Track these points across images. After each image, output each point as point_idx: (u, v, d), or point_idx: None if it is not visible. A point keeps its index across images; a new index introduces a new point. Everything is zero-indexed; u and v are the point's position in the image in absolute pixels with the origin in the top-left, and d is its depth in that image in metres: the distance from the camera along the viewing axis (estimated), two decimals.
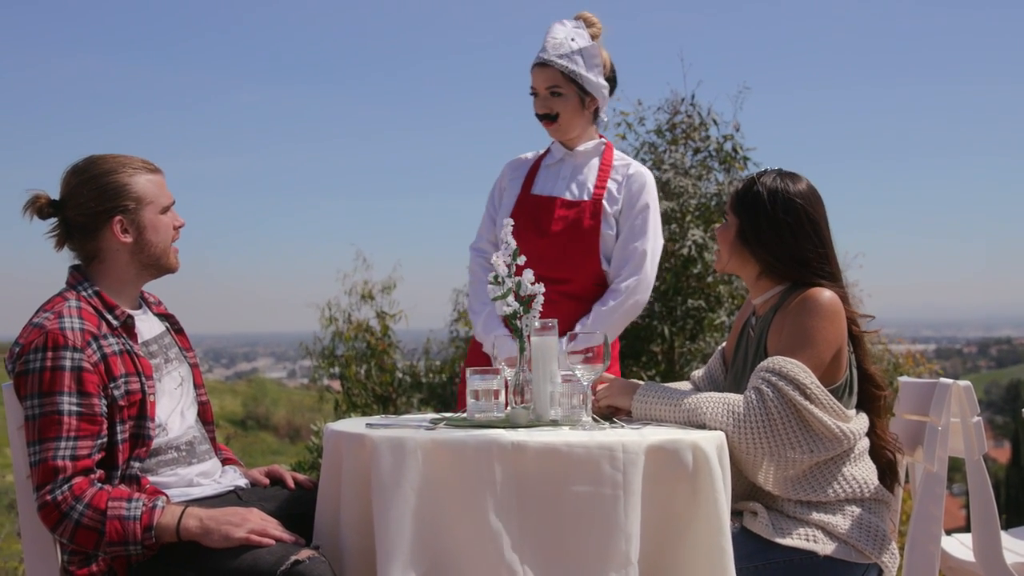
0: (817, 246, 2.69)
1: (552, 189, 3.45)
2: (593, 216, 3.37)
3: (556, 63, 3.38)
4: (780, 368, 2.51)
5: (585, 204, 3.39)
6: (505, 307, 2.50)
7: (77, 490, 2.26)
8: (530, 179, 3.50)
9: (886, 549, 2.56)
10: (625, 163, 3.49)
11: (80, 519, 2.25)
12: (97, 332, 2.41)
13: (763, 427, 2.46)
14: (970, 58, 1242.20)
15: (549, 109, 3.40)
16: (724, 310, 7.42)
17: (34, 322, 2.40)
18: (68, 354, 2.33)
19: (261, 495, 2.67)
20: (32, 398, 2.32)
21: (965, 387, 2.91)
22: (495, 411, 2.45)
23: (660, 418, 2.60)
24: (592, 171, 3.46)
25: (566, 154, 3.48)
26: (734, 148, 7.86)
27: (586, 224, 3.35)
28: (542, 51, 3.39)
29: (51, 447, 2.28)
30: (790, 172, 2.76)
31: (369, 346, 9.39)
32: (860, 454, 2.62)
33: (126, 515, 2.27)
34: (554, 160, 3.50)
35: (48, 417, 2.29)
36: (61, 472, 2.26)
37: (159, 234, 2.56)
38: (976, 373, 71.66)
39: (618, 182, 3.44)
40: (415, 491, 2.19)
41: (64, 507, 2.25)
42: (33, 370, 2.32)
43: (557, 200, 3.40)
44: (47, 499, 2.26)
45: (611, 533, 2.14)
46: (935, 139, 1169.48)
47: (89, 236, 2.52)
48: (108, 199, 2.50)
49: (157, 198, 2.56)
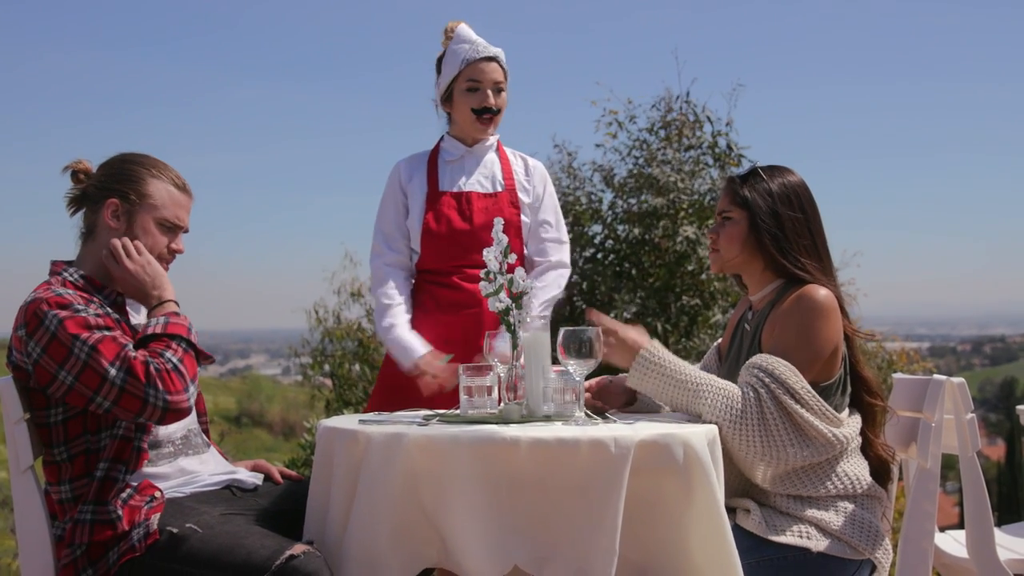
0: (814, 241, 2.71)
1: (463, 184, 3.47)
2: (512, 204, 3.46)
3: (501, 59, 3.44)
4: (772, 370, 2.51)
5: (502, 195, 3.46)
6: (497, 303, 2.50)
7: (154, 354, 2.36)
8: (433, 177, 3.48)
9: (879, 545, 2.56)
10: (520, 156, 3.60)
11: (178, 356, 2.39)
12: (90, 300, 2.43)
13: (758, 427, 2.47)
14: (966, 55, 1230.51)
15: (497, 104, 3.44)
16: (718, 307, 7.43)
17: (28, 300, 2.39)
18: (78, 307, 2.36)
19: (255, 492, 2.66)
20: (74, 342, 2.30)
21: (959, 384, 2.91)
22: (488, 407, 2.45)
23: (653, 393, 2.59)
24: (495, 165, 3.52)
25: (466, 150, 3.51)
26: (728, 145, 7.87)
27: (507, 214, 3.43)
28: (478, 46, 3.40)
29: (125, 352, 2.32)
30: (783, 167, 2.77)
31: (360, 344, 9.39)
32: (853, 450, 2.63)
33: (163, 323, 2.44)
34: (453, 157, 3.51)
35: (101, 342, 2.31)
36: (143, 356, 2.34)
37: (144, 239, 2.55)
38: (970, 371, 71.81)
39: (520, 173, 3.54)
40: (405, 486, 2.20)
41: (168, 366, 2.35)
42: (54, 332, 2.32)
43: (472, 194, 3.45)
44: (160, 380, 2.32)
45: (600, 527, 2.14)
46: (930, 137, 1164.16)
47: (90, 208, 2.57)
48: (118, 180, 2.55)
49: (162, 207, 2.57)
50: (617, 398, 2.84)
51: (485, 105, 3.41)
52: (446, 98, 3.49)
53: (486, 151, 3.53)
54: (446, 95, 3.48)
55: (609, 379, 2.85)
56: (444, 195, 3.45)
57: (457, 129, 3.52)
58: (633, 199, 7.83)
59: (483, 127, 3.45)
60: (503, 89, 3.45)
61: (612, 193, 8.06)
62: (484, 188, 3.47)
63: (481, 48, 3.40)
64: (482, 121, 3.43)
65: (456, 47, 3.42)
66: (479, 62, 3.39)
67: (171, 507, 2.41)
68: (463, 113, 3.44)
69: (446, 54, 3.45)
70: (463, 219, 3.41)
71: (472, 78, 3.39)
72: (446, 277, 3.41)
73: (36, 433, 2.44)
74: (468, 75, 3.40)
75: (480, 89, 3.40)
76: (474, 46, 3.40)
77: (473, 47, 3.40)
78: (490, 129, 3.48)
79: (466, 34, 3.43)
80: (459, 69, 3.40)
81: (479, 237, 3.35)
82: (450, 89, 3.45)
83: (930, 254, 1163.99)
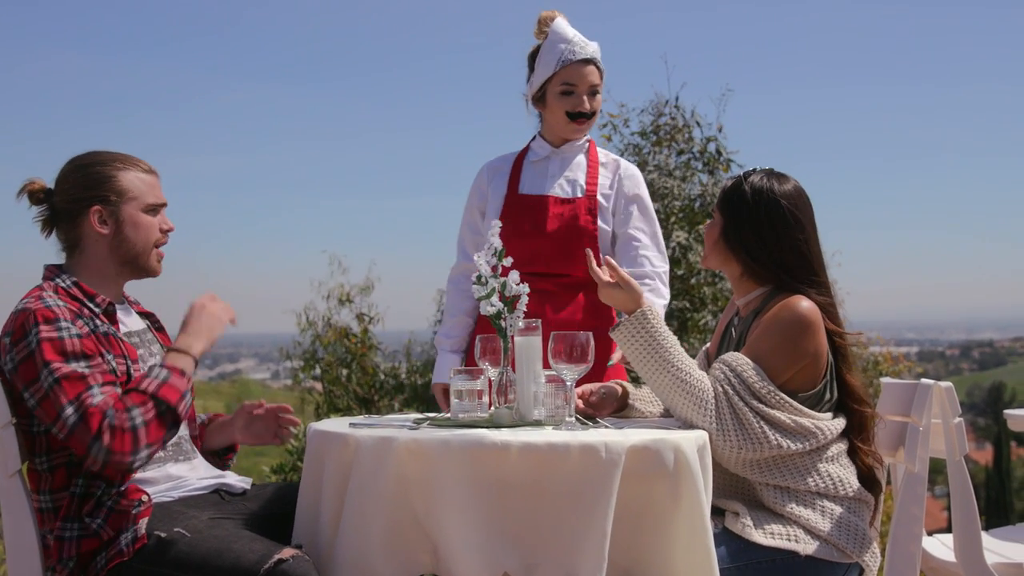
0: (801, 250, 2.68)
1: (542, 187, 3.40)
2: (589, 212, 3.34)
3: (598, 61, 3.34)
4: (736, 367, 2.53)
5: (580, 201, 3.36)
6: (489, 307, 2.50)
7: (121, 406, 2.28)
8: (515, 178, 3.43)
9: (867, 549, 2.57)
10: (612, 159, 3.48)
11: (144, 419, 2.29)
12: (79, 313, 2.42)
13: (731, 417, 2.48)
14: (956, 58, 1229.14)
15: (592, 108, 3.35)
16: (708, 311, 7.45)
17: (16, 310, 2.39)
18: (62, 324, 2.34)
19: (243, 495, 2.66)
20: (44, 368, 2.29)
21: (946, 388, 2.92)
22: (479, 411, 2.45)
23: (631, 357, 2.58)
24: (580, 168, 3.42)
25: (552, 151, 3.44)
26: (717, 150, 7.89)
27: (582, 221, 3.33)
28: (575, 46, 3.30)
29: (86, 396, 2.28)
30: (779, 172, 2.74)
31: (349, 351, 9.37)
32: (837, 455, 2.62)
33: (162, 380, 2.35)
34: (539, 157, 3.45)
35: (67, 379, 2.28)
36: (106, 406, 2.27)
37: (139, 231, 2.55)
38: (959, 375, 71.95)
39: (609, 178, 3.42)
40: (396, 490, 2.19)
41: (126, 424, 2.26)
42: (31, 352, 2.31)
43: (549, 198, 3.36)
44: (109, 435, 2.25)
45: (589, 532, 2.14)
46: (918, 140, 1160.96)
47: (71, 224, 2.54)
48: (90, 187, 2.52)
49: (142, 195, 2.56)
50: (608, 404, 2.84)
51: (580, 110, 3.33)
52: (539, 97, 3.40)
53: (575, 153, 3.45)
54: (539, 94, 3.39)
55: (601, 386, 2.85)
56: (522, 198, 3.39)
57: (548, 129, 3.45)
58: None
59: (577, 129, 3.38)
60: (598, 92, 3.37)
61: None
62: (564, 192, 3.38)
63: (579, 49, 3.30)
64: (576, 124, 3.36)
65: (553, 45, 3.31)
66: (576, 64, 3.30)
67: (159, 511, 2.40)
68: (556, 115, 3.37)
69: (541, 51, 3.35)
70: (535, 224, 3.33)
71: (568, 81, 3.31)
72: None
73: (23, 438, 2.43)
74: (564, 77, 3.31)
75: (575, 93, 3.32)
76: (570, 46, 3.29)
77: (570, 47, 3.29)
78: (584, 132, 3.41)
79: (563, 31, 3.32)
80: (555, 70, 3.30)
81: (549, 244, 3.28)
82: (543, 89, 3.36)
83: (918, 258, 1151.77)
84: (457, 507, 2.15)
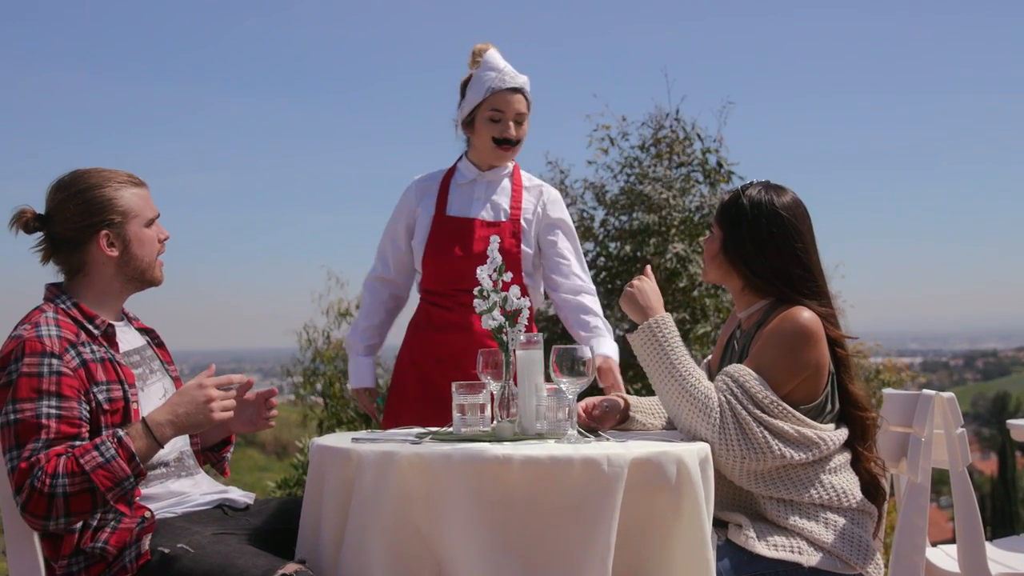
0: (801, 262, 2.68)
1: (468, 210, 3.50)
2: (513, 235, 3.46)
3: (527, 91, 3.45)
4: (738, 378, 2.53)
5: (504, 224, 3.47)
6: (491, 321, 2.51)
7: (50, 469, 2.24)
8: (443, 200, 3.53)
9: (871, 560, 2.57)
10: (536, 184, 3.59)
11: (66, 490, 2.23)
12: (75, 340, 2.41)
13: (734, 427, 2.48)
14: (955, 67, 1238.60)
15: (518, 136, 3.46)
16: (709, 322, 7.45)
17: (12, 335, 2.40)
18: (46, 360, 2.33)
19: (246, 511, 2.66)
20: (10, 404, 2.30)
21: (948, 398, 2.92)
22: (481, 425, 2.45)
23: (644, 364, 2.63)
24: (505, 192, 3.53)
25: (479, 174, 3.54)
26: (718, 162, 7.90)
27: (507, 244, 3.43)
28: (505, 75, 3.41)
29: (28, 448, 2.26)
30: (776, 185, 2.75)
31: None
32: (840, 466, 2.63)
33: (104, 459, 2.27)
34: (465, 180, 3.54)
35: (26, 423, 2.28)
36: (36, 464, 2.25)
37: (144, 247, 2.57)
38: (963, 386, 71.85)
39: (533, 202, 3.54)
40: (398, 504, 2.19)
41: (46, 489, 2.22)
42: (12, 380, 2.32)
43: (476, 221, 3.47)
44: (27, 493, 2.23)
45: (592, 545, 2.14)
46: (921, 150, 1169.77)
47: (75, 250, 2.53)
48: (94, 213, 2.51)
49: (142, 211, 2.57)
50: (610, 418, 2.84)
51: (506, 136, 3.43)
52: (467, 122, 3.50)
53: (500, 178, 3.55)
54: (468, 120, 3.49)
55: (604, 400, 2.85)
56: (449, 219, 3.49)
57: (475, 153, 3.54)
58: (625, 216, 7.85)
59: (502, 155, 3.48)
60: (524, 121, 3.47)
61: (604, 210, 8.09)
62: (489, 216, 3.49)
63: (508, 78, 3.40)
64: (501, 150, 3.46)
65: (483, 74, 3.42)
66: (504, 92, 3.40)
67: (162, 528, 2.40)
68: (483, 140, 3.47)
69: (472, 79, 3.46)
70: (462, 246, 3.44)
71: (496, 107, 3.41)
72: (443, 298, 3.48)
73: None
74: (492, 104, 3.41)
75: (502, 120, 3.42)
76: (500, 75, 3.40)
77: (499, 76, 3.40)
78: (509, 158, 3.51)
79: (494, 61, 3.43)
80: (483, 97, 3.41)
81: (475, 264, 3.37)
82: (472, 115, 3.46)
83: (921, 269, 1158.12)
84: (459, 521, 2.15)
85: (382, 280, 3.68)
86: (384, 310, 3.69)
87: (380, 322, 3.70)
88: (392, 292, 3.69)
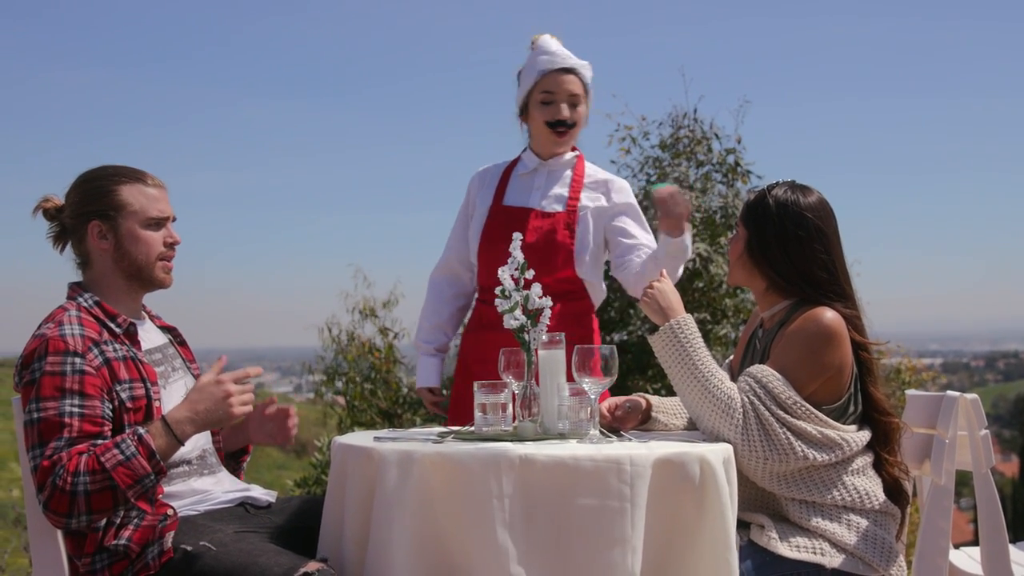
0: (826, 262, 2.67)
1: (526, 200, 3.44)
2: (568, 227, 3.38)
3: (581, 72, 3.38)
4: (761, 378, 2.52)
5: (559, 215, 3.39)
6: (512, 321, 2.51)
7: (72, 467, 2.25)
8: (501, 190, 3.48)
9: (894, 562, 2.55)
10: (602, 177, 3.50)
11: (87, 488, 2.24)
12: (98, 339, 2.42)
13: (757, 429, 2.47)
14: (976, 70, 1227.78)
15: (571, 118, 3.39)
16: (729, 323, 7.42)
17: (36, 333, 2.42)
18: (69, 359, 2.34)
19: (268, 509, 2.67)
20: (33, 402, 2.32)
21: (972, 400, 2.90)
22: (503, 424, 2.45)
23: (665, 366, 2.62)
24: (565, 183, 3.45)
25: (540, 164, 3.48)
26: (736, 162, 7.87)
27: (559, 236, 3.36)
28: (556, 57, 3.35)
29: (50, 446, 2.28)
30: (802, 185, 2.73)
31: (373, 366, 9.37)
32: (863, 467, 2.61)
33: (124, 457, 2.27)
34: (527, 170, 3.49)
35: (49, 421, 2.29)
36: (58, 463, 2.26)
37: (138, 245, 2.55)
38: (984, 387, 71.36)
39: (595, 193, 3.44)
40: (420, 504, 2.19)
41: (68, 487, 2.23)
42: (36, 379, 2.33)
43: (532, 211, 3.40)
44: (49, 491, 2.24)
45: (616, 546, 2.14)
46: (941, 151, 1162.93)
47: (76, 239, 2.57)
48: (89, 202, 2.54)
49: (143, 209, 2.55)
50: (632, 418, 2.84)
51: (558, 118, 3.37)
52: (523, 110, 3.46)
53: (563, 167, 3.48)
54: (523, 107, 3.46)
55: (626, 400, 2.85)
56: (504, 209, 3.43)
57: (534, 142, 3.49)
58: (646, 216, 7.82)
59: (557, 140, 3.41)
60: (579, 103, 3.40)
61: None
62: (547, 207, 3.42)
63: (559, 59, 3.36)
64: (556, 134, 3.39)
65: (535, 58, 3.38)
66: (555, 73, 3.35)
67: (185, 525, 2.41)
68: (538, 125, 3.41)
69: (525, 65, 3.43)
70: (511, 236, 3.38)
71: (547, 90, 3.36)
72: (491, 294, 3.43)
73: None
74: (543, 86, 3.36)
75: (554, 102, 3.36)
76: (552, 58, 3.36)
77: (551, 59, 3.36)
78: (565, 143, 3.44)
79: (547, 45, 3.39)
80: (535, 81, 3.37)
81: (527, 254, 3.33)
82: (527, 101, 3.42)
83: (942, 270, 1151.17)
84: (481, 521, 2.15)
85: (444, 275, 3.60)
86: (447, 308, 3.60)
87: (443, 321, 3.60)
88: (456, 290, 3.60)
